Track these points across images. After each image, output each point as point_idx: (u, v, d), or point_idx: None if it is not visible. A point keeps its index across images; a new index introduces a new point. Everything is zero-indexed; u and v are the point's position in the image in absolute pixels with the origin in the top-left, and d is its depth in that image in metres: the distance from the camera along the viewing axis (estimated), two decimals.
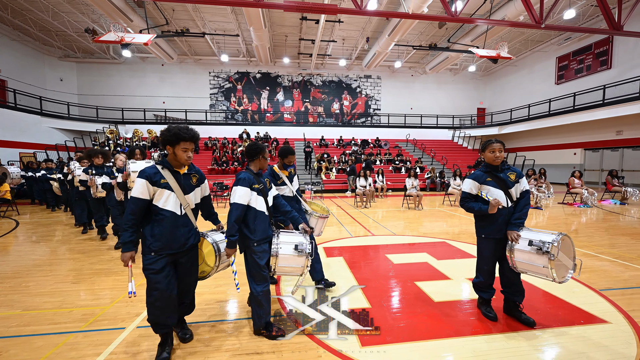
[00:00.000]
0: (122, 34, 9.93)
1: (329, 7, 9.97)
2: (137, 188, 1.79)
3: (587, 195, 8.56)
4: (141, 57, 18.54)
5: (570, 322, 2.38)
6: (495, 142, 2.33)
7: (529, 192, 2.36)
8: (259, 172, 2.28)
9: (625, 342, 2.11)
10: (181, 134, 1.82)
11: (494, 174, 2.34)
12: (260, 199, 2.17)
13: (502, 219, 2.28)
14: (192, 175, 2.00)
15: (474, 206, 2.34)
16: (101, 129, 16.75)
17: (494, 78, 21.70)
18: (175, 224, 1.87)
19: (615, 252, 4.25)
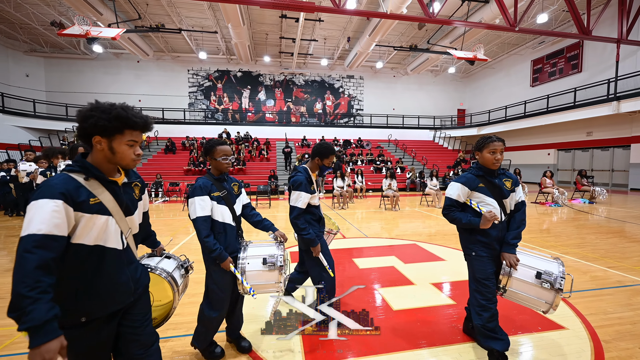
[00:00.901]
0: (87, 27, 9.36)
1: (306, 4, 9.79)
2: (43, 218, 0.96)
3: (558, 194, 8.79)
4: (115, 53, 17.72)
5: (528, 329, 2.30)
6: (497, 140, 1.89)
7: (524, 203, 1.97)
8: (222, 176, 1.91)
9: (580, 350, 2.04)
10: (130, 117, 1.11)
11: (488, 179, 1.92)
12: (222, 208, 1.83)
13: (495, 234, 1.88)
14: (135, 185, 1.30)
15: (461, 217, 1.90)
16: (71, 127, 15.85)
17: (473, 80, 22.19)
18: (116, 267, 1.18)
19: (579, 251, 4.29)
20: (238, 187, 2.01)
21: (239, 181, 2.06)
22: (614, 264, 3.76)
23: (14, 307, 0.89)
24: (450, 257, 4.02)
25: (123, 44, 15.02)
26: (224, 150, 1.85)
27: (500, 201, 1.90)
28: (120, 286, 1.18)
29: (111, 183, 1.17)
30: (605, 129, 13.95)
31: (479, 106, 21.32)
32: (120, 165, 1.17)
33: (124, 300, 1.20)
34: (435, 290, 3.02)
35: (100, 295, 1.13)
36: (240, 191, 2.02)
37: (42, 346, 0.88)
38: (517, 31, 11.20)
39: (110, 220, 1.14)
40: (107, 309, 1.15)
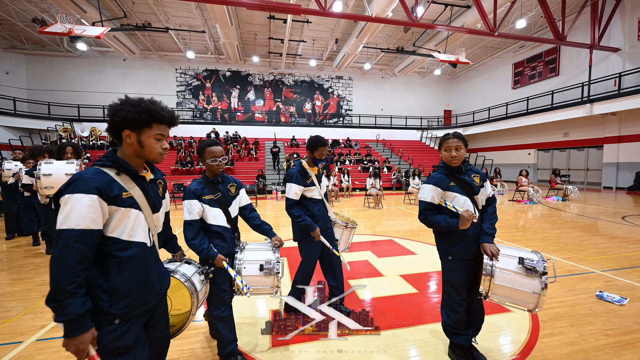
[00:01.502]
0: (70, 25, 9.25)
1: (292, 7, 9.95)
2: (80, 213, 0.98)
3: (533, 192, 9.23)
4: (100, 51, 17.43)
5: None
6: (451, 137, 1.84)
7: (494, 197, 1.97)
8: (217, 177, 1.88)
9: (519, 329, 2.30)
10: (158, 110, 1.12)
11: (457, 176, 1.86)
12: (215, 211, 1.83)
13: (472, 233, 1.81)
14: (159, 182, 1.31)
15: (439, 221, 1.81)
16: (53, 126, 15.54)
17: (459, 82, 22.78)
18: (145, 263, 1.17)
19: (541, 244, 4.61)
20: (236, 188, 1.98)
21: (237, 181, 2.02)
22: (569, 255, 4.09)
23: (52, 298, 0.95)
24: (422, 252, 4.28)
25: (109, 42, 14.82)
26: (213, 152, 1.82)
27: (472, 198, 1.86)
28: (149, 285, 1.17)
29: (140, 178, 1.17)
30: (580, 130, 14.62)
31: (464, 107, 21.92)
32: (148, 158, 1.17)
33: (151, 300, 1.18)
34: (402, 281, 3.26)
35: (132, 293, 1.10)
36: (238, 192, 2.00)
37: (77, 338, 0.95)
38: (497, 36, 11.65)
39: (141, 215, 1.14)
40: (138, 308, 1.12)
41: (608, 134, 13.42)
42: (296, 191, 2.27)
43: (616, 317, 2.44)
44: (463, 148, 1.84)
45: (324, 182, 2.50)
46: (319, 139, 2.27)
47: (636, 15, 12.46)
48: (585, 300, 2.74)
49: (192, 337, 2.22)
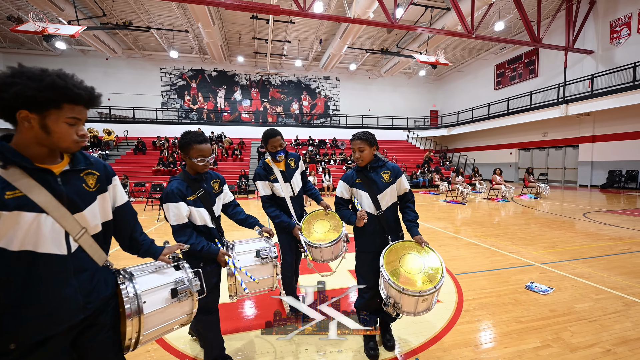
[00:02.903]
0: (43, 24, 9.14)
1: (271, 7, 10.02)
2: None
3: (506, 190, 9.48)
4: (82, 50, 17.21)
5: None
6: (355, 138, 1.91)
7: (412, 192, 2.05)
8: (200, 175, 1.71)
9: (439, 318, 2.42)
10: (70, 87, 0.90)
11: (365, 173, 1.94)
12: (201, 211, 1.69)
13: (372, 229, 1.92)
14: (86, 174, 1.05)
15: (344, 215, 2.00)
16: None
17: (444, 82, 23.13)
18: (57, 276, 0.95)
19: (495, 239, 4.78)
20: (219, 184, 1.85)
21: (220, 177, 1.89)
22: (517, 249, 4.26)
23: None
24: None
25: (89, 41, 14.65)
26: (202, 150, 1.63)
27: (373, 195, 1.91)
28: (63, 301, 0.94)
29: (41, 172, 0.92)
30: (558, 130, 15.02)
31: (450, 107, 22.26)
32: (60, 148, 0.94)
33: (69, 318, 0.95)
34: (349, 275, 3.37)
35: (33, 313, 0.89)
36: (222, 189, 1.87)
37: None
38: (474, 38, 11.92)
39: (44, 219, 0.90)
40: (43, 331, 0.91)
41: (583, 133, 13.83)
42: (264, 187, 2.25)
43: (535, 306, 2.58)
44: (367, 149, 1.90)
45: (297, 177, 2.33)
46: (268, 131, 2.20)
47: (608, 19, 12.87)
48: (513, 291, 2.89)
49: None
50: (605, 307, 2.56)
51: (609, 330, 2.20)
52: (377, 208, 1.93)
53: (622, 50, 12.43)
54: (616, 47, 12.64)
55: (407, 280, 1.74)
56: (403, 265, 1.83)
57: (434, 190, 13.05)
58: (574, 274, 3.29)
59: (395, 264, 1.83)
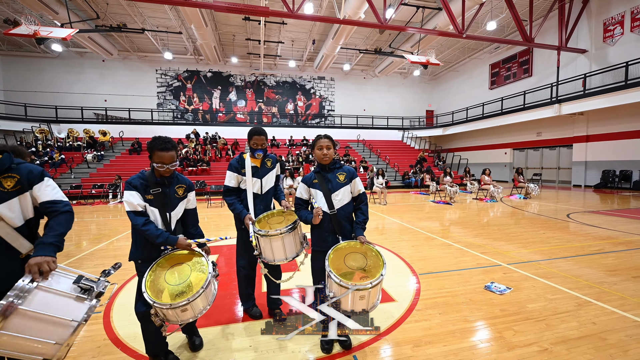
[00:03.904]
0: (36, 27, 9.25)
1: (260, 9, 10.08)
2: None
3: (494, 190, 9.48)
4: (78, 52, 17.35)
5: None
6: (322, 137, 2.07)
7: (365, 194, 2.15)
8: (163, 179, 1.79)
9: (388, 317, 2.46)
10: None
11: (323, 174, 2.07)
12: (154, 211, 1.76)
13: (325, 227, 2.03)
14: (4, 179, 1.29)
15: (302, 214, 2.07)
16: (29, 128, 15.44)
17: (440, 82, 23.11)
18: None
19: (470, 240, 4.80)
20: (184, 190, 1.89)
21: (188, 183, 1.93)
22: (489, 249, 4.28)
23: None
24: None
25: (84, 43, 14.78)
26: (161, 157, 1.70)
27: (327, 194, 2.02)
28: None
29: None
30: (552, 130, 14.98)
31: (445, 107, 22.24)
32: None
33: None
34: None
35: None
36: (186, 195, 1.90)
37: None
38: (465, 37, 11.92)
39: None
40: None
41: (577, 133, 13.79)
42: (231, 178, 2.29)
43: (487, 305, 2.61)
44: (332, 148, 2.08)
45: (270, 177, 2.38)
46: (255, 128, 2.27)
47: (602, 18, 12.83)
48: (471, 291, 2.91)
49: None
50: (557, 307, 2.58)
51: (553, 330, 2.22)
52: (329, 207, 2.03)
53: (615, 49, 12.38)
54: (609, 46, 12.60)
55: (346, 275, 1.79)
56: (346, 262, 1.90)
57: (425, 191, 13.05)
58: (537, 274, 3.31)
59: (340, 260, 1.90)
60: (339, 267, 1.86)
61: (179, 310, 1.61)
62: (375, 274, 1.80)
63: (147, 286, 1.63)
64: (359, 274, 1.82)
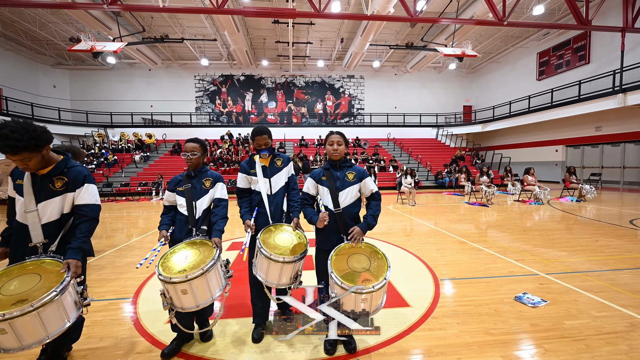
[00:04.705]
0: (92, 43, 10.42)
1: (287, 11, 10.24)
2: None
3: (539, 191, 8.56)
4: (129, 63, 19.22)
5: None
6: (335, 133, 2.05)
7: (377, 193, 2.05)
8: (191, 172, 2.11)
9: (401, 322, 2.32)
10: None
11: (332, 171, 2.04)
12: (180, 199, 2.09)
13: (330, 226, 1.97)
14: (57, 178, 1.64)
15: (307, 213, 2.03)
16: (90, 132, 17.46)
17: (479, 75, 21.52)
18: (17, 239, 1.64)
19: (505, 246, 4.37)
20: (211, 182, 2.13)
21: (215, 176, 2.15)
22: (527, 257, 3.85)
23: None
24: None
25: (133, 54, 16.31)
26: (184, 147, 2.11)
27: (334, 192, 1.98)
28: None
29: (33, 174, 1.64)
30: (615, 124, 13.14)
31: (485, 102, 20.66)
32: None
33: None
34: None
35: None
36: (214, 186, 2.13)
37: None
38: (507, 25, 10.93)
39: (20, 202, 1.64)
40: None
41: None
42: (241, 179, 2.28)
43: (515, 318, 2.34)
44: (343, 145, 2.04)
45: (280, 177, 2.23)
46: (256, 129, 2.19)
47: None
48: (498, 301, 2.64)
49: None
50: (603, 326, 2.23)
51: (594, 352, 1.92)
52: (335, 205, 1.99)
53: None
54: None
55: (348, 276, 1.74)
56: (350, 263, 1.84)
57: (459, 192, 12.23)
58: (582, 287, 2.90)
59: (343, 261, 1.84)
60: (341, 268, 1.81)
61: (180, 291, 1.69)
62: (378, 276, 1.72)
63: (160, 263, 1.78)
64: (363, 275, 1.75)
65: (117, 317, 2.50)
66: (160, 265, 1.76)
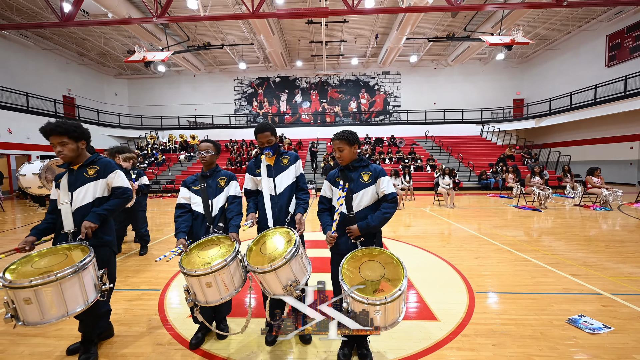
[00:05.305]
0: (144, 53, 11.48)
1: (320, 10, 10.21)
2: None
3: (608, 194, 7.37)
4: (176, 70, 20.88)
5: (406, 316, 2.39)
6: (335, 138, 1.93)
7: (390, 194, 1.85)
8: (206, 171, 2.19)
9: (426, 337, 2.10)
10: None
11: (346, 172, 1.93)
12: (196, 198, 2.14)
13: (343, 230, 1.88)
14: (89, 167, 1.95)
15: (322, 221, 1.97)
16: (143, 135, 19.35)
17: (532, 65, 19.33)
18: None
19: (559, 257, 3.81)
20: (226, 181, 2.19)
21: (229, 175, 2.22)
22: (588, 271, 3.29)
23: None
24: (403, 253, 4.03)
25: (179, 62, 17.66)
26: (199, 147, 2.21)
27: (348, 195, 1.88)
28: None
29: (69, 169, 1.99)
30: None
31: (540, 94, 18.50)
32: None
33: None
34: None
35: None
36: (228, 184, 2.19)
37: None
38: (566, 6, 9.61)
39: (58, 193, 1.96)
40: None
41: None
42: (248, 180, 2.24)
43: (566, 345, 1.98)
44: (347, 148, 1.90)
45: (285, 176, 2.14)
46: (257, 126, 2.13)
47: None
48: (546, 322, 2.27)
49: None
50: None
51: None
52: (348, 209, 1.88)
53: None
54: None
55: (360, 287, 1.60)
56: (362, 271, 1.70)
57: (506, 193, 11.08)
58: None
59: (354, 269, 1.71)
60: (353, 277, 1.67)
61: (205, 284, 1.72)
62: (392, 287, 1.55)
63: (183, 259, 1.82)
64: (378, 284, 1.59)
65: (146, 308, 2.65)
66: (183, 261, 1.80)
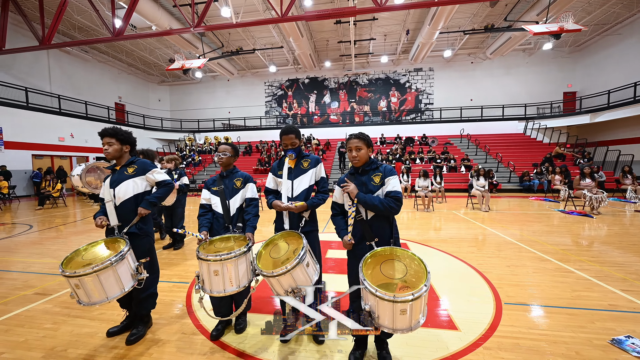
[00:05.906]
0: (182, 61, 12.33)
1: (348, 10, 10.14)
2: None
3: (631, 193, 6.38)
4: (212, 75, 22.13)
5: (425, 324, 2.32)
6: (353, 137, 1.88)
7: (397, 193, 1.79)
8: (223, 172, 2.32)
9: (443, 347, 2.02)
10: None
11: (356, 176, 1.91)
12: (215, 199, 2.27)
13: (356, 233, 1.86)
14: (129, 167, 2.21)
15: (337, 225, 1.95)
16: (182, 137, 20.79)
17: (587, 54, 17.34)
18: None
19: (607, 270, 3.39)
20: (242, 182, 2.30)
21: (245, 176, 2.32)
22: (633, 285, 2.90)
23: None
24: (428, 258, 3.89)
25: (214, 68, 18.69)
26: (218, 149, 2.32)
27: (358, 209, 1.84)
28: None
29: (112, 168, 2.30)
30: None
31: (596, 87, 16.56)
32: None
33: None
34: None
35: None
36: (244, 186, 2.29)
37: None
38: None
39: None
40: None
41: None
42: (270, 179, 2.29)
43: None
44: (364, 148, 1.86)
45: (304, 179, 2.15)
46: (283, 128, 2.16)
47: None
48: (585, 341, 2.05)
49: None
50: None
51: None
52: (358, 213, 1.86)
53: None
54: None
55: (384, 285, 1.57)
56: (383, 270, 1.68)
57: (552, 197, 10.08)
58: None
59: (375, 268, 1.70)
60: (375, 275, 1.64)
61: (212, 272, 1.86)
62: (417, 284, 1.51)
63: (202, 246, 2.02)
64: (399, 284, 1.55)
65: (175, 298, 2.87)
66: (201, 247, 1.99)
